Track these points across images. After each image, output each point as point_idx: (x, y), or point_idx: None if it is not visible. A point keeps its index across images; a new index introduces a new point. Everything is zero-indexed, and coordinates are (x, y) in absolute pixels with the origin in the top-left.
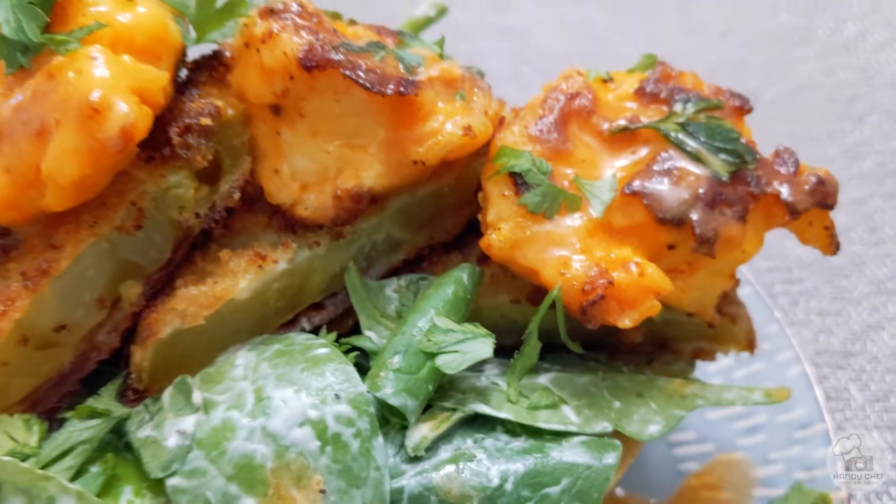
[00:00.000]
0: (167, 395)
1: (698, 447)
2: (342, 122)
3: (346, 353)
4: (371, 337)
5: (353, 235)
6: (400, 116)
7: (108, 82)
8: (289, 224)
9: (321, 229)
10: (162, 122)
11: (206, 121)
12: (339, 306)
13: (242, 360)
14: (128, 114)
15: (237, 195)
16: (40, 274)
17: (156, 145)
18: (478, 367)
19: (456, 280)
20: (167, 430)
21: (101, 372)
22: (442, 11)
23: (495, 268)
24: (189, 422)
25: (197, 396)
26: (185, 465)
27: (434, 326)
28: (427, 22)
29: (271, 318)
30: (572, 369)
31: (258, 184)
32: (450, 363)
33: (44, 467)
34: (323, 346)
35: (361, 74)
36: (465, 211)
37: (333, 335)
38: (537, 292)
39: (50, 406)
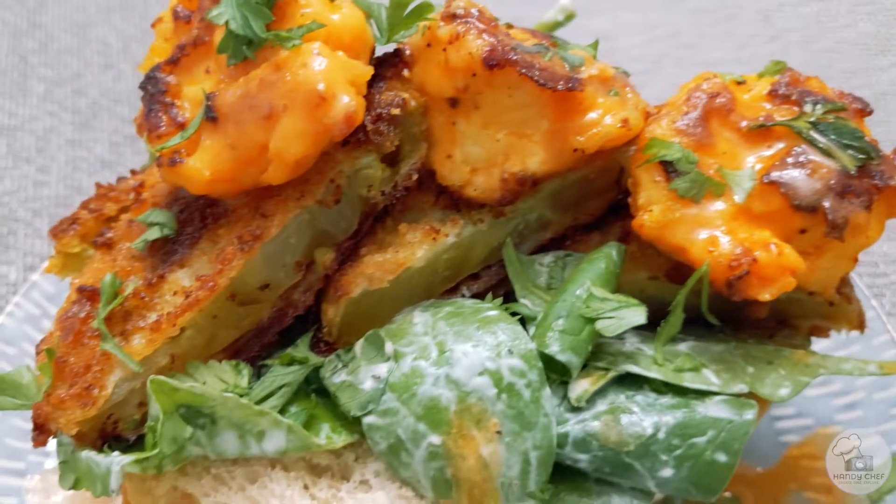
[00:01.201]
0: (359, 346)
1: (799, 421)
2: (511, 114)
3: None
4: (526, 304)
5: (511, 214)
6: (563, 109)
7: (330, 75)
8: (454, 203)
9: (483, 208)
10: None
11: (395, 111)
12: (493, 277)
13: (419, 319)
14: (350, 103)
15: (415, 176)
16: (253, 238)
17: (352, 132)
18: (619, 336)
19: (606, 256)
20: (362, 375)
21: (292, 327)
22: (570, 16)
23: (634, 247)
24: (382, 369)
25: (389, 347)
26: (380, 406)
27: (591, 295)
28: (556, 26)
29: (437, 285)
30: (707, 339)
31: (430, 167)
32: (608, 327)
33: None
34: (491, 309)
35: (536, 72)
36: (607, 195)
37: (500, 300)
38: (675, 269)
39: (252, 354)
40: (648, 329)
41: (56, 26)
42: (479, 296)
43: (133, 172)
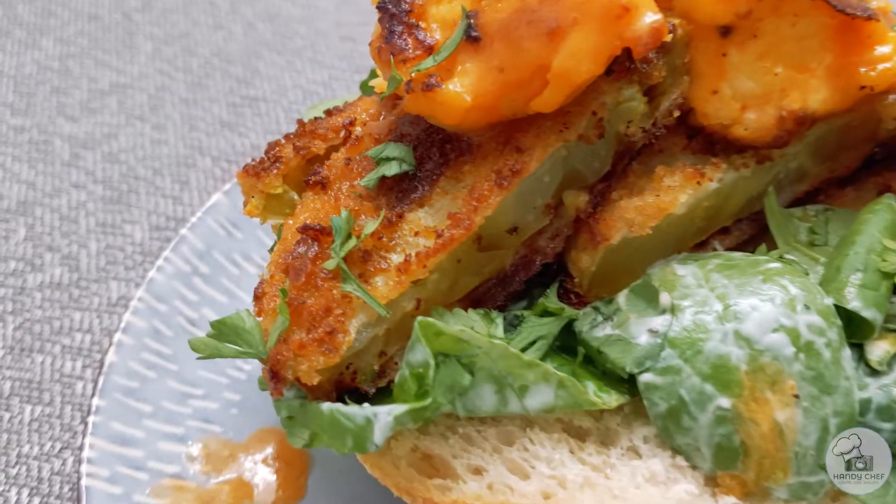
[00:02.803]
0: (623, 297)
1: None
2: (792, 45)
3: None
4: (793, 260)
5: (777, 160)
6: (848, 42)
7: None
8: (709, 145)
9: (746, 152)
10: None
11: (668, 36)
12: (744, 231)
13: (685, 271)
14: (656, 15)
15: (676, 113)
16: (512, 174)
17: (617, 59)
18: None
19: (888, 207)
20: (634, 329)
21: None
22: None
23: None
24: (657, 322)
25: (665, 298)
26: (658, 363)
27: (885, 248)
28: None
29: (690, 237)
30: None
31: (687, 105)
32: None
33: None
34: (771, 261)
35: None
36: (864, 147)
37: (776, 252)
38: None
39: (497, 304)
40: None
41: None
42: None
43: (328, 113)
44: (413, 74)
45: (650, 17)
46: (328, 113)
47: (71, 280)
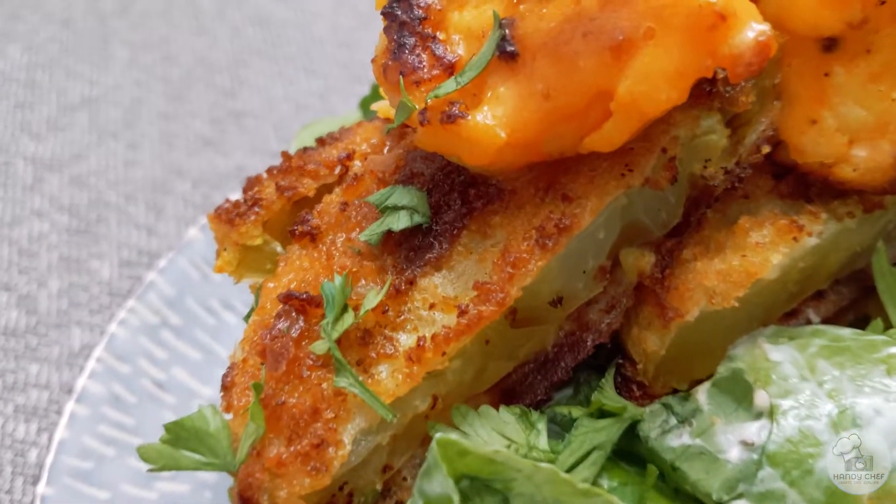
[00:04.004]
0: (704, 394)
1: None
2: None
3: None
4: None
5: (891, 208)
6: None
7: None
8: (803, 189)
9: (850, 198)
10: None
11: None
12: (843, 296)
13: (781, 356)
14: (762, 26)
15: (765, 148)
16: (559, 231)
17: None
18: None
19: None
20: (721, 439)
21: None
22: None
23: None
24: (752, 430)
25: (762, 398)
26: (755, 486)
27: None
28: None
29: (780, 306)
30: None
31: (774, 137)
32: None
33: None
34: (891, 343)
35: None
36: None
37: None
38: None
39: (536, 398)
40: None
41: None
42: (828, 322)
43: (320, 141)
44: (429, 101)
45: (755, 27)
46: (320, 142)
47: (28, 325)
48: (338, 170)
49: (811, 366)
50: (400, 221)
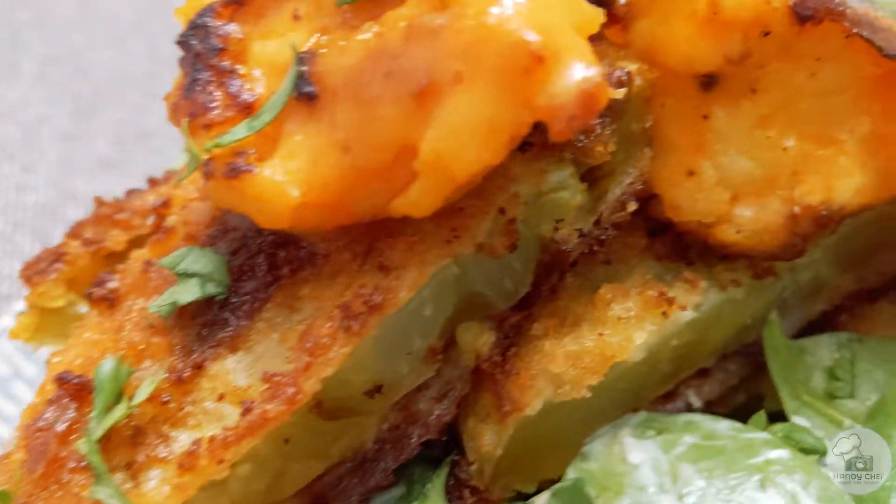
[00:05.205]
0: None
1: None
2: (811, 104)
3: None
4: (803, 424)
5: (784, 274)
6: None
7: (549, 19)
8: (679, 249)
9: (737, 262)
10: None
11: (617, 93)
12: (731, 374)
13: (641, 456)
14: (589, 70)
15: (632, 206)
16: (369, 309)
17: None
18: None
19: None
20: None
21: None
22: None
23: None
24: None
25: None
26: None
27: None
28: None
29: (651, 388)
30: None
31: (649, 190)
32: None
33: None
34: (772, 444)
35: (875, 34)
36: None
37: (783, 427)
38: None
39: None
40: None
41: None
42: (711, 407)
43: (152, 182)
44: (215, 150)
45: (580, 71)
46: (152, 182)
47: None
48: (151, 219)
49: (674, 472)
50: (189, 292)
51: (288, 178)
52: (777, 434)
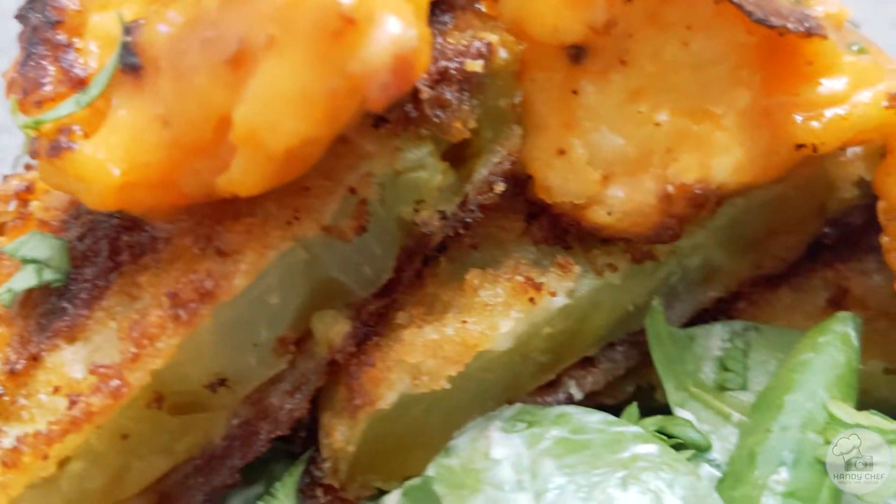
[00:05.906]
0: (394, 502)
1: None
2: (685, 76)
3: None
4: (687, 418)
5: (664, 259)
6: (777, 71)
7: None
8: (559, 233)
9: (616, 246)
10: None
11: (474, 66)
12: (618, 364)
13: (503, 452)
14: (405, 33)
15: (499, 186)
16: (200, 297)
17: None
18: None
19: (842, 339)
20: None
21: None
22: None
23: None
24: None
25: None
26: None
27: (833, 418)
28: None
29: (526, 379)
30: None
31: (522, 171)
32: (870, 491)
33: None
34: (639, 440)
35: (747, 1)
36: (806, 228)
37: (655, 421)
38: None
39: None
40: None
41: None
42: (597, 397)
43: (27, 167)
44: (43, 126)
45: (393, 33)
46: (28, 168)
47: None
48: (13, 205)
49: (535, 469)
50: (24, 279)
51: (108, 156)
52: (649, 428)
